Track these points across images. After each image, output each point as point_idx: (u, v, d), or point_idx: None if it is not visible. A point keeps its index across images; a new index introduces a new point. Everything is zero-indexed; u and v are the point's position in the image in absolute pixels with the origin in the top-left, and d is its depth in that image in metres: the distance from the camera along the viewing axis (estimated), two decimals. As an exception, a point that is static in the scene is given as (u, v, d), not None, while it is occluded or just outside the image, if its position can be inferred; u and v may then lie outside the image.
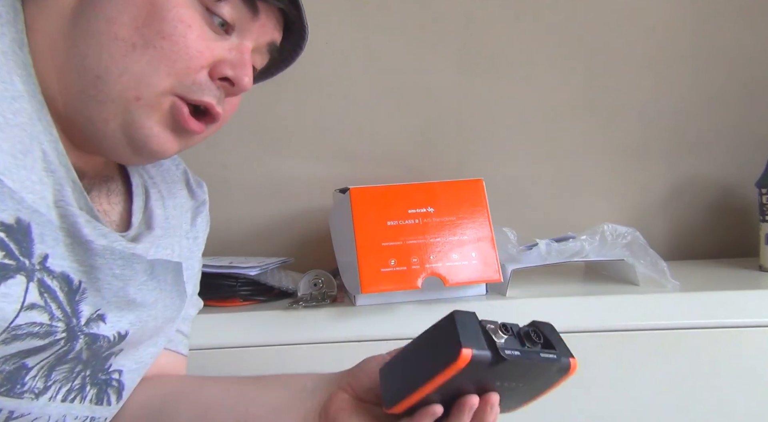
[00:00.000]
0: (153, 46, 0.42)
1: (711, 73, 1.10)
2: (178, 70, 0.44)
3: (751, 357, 0.72)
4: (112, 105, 0.43)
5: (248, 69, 0.47)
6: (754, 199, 0.95)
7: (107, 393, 0.50)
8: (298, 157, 1.10)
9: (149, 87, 0.43)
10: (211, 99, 0.46)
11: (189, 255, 0.59)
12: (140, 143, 0.45)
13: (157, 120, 0.45)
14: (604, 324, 0.74)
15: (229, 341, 0.74)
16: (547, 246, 0.80)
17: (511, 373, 0.42)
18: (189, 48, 0.44)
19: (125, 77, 0.42)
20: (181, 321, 0.62)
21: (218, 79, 0.47)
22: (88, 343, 0.45)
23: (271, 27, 0.50)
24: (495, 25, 1.10)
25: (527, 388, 0.45)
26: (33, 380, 0.42)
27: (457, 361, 0.39)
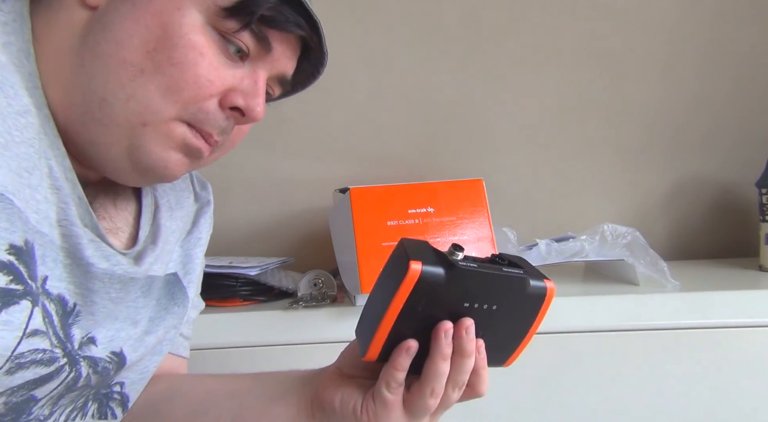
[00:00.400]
0: (162, 73, 0.41)
1: (711, 74, 1.10)
2: (186, 99, 0.42)
3: (751, 357, 0.72)
4: (117, 129, 0.42)
5: (261, 98, 0.45)
6: (754, 199, 0.95)
7: (110, 407, 0.49)
8: (298, 157, 1.10)
9: (156, 114, 0.42)
10: (212, 129, 0.44)
11: (188, 260, 0.58)
12: (147, 167, 0.44)
13: (167, 146, 0.44)
14: (604, 324, 0.74)
15: (229, 341, 0.74)
16: (547, 246, 0.80)
17: (476, 292, 0.41)
18: (199, 77, 0.42)
19: (132, 103, 0.41)
20: (183, 323, 0.62)
21: (228, 109, 0.45)
22: (92, 367, 0.44)
23: (287, 58, 0.48)
24: (495, 26, 1.10)
25: (508, 318, 0.43)
26: (41, 409, 0.41)
27: (406, 276, 0.38)
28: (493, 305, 0.42)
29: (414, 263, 0.38)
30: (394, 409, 0.43)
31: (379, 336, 0.41)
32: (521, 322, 0.45)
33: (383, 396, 0.43)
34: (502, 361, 0.47)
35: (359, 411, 0.44)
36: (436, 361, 0.41)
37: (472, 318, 0.42)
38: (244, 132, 0.51)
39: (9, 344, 0.36)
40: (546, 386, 0.74)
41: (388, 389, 0.42)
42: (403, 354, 0.41)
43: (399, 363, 0.41)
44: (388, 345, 0.42)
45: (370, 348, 0.42)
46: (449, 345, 0.41)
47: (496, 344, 0.45)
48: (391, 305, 0.39)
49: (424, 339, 0.42)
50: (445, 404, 0.44)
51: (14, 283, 0.36)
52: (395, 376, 0.42)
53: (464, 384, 0.44)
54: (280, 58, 0.47)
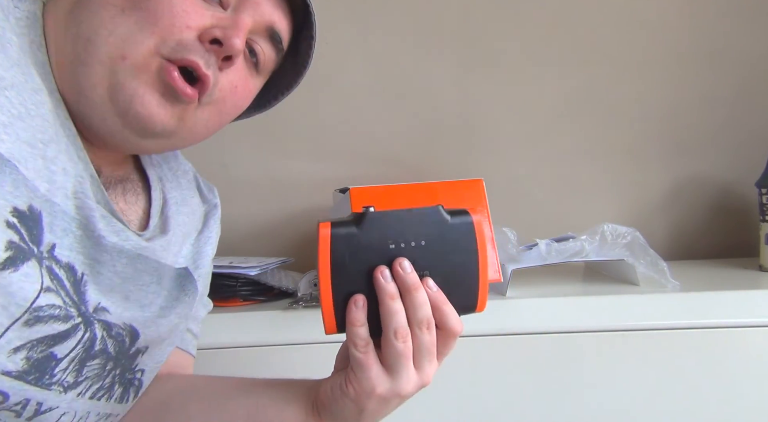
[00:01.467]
0: (139, 8, 0.43)
1: (712, 74, 1.10)
2: (163, 28, 0.43)
3: (751, 357, 0.72)
4: (99, 67, 0.43)
5: (240, 32, 0.46)
6: (754, 199, 0.95)
7: (129, 392, 0.51)
8: (298, 157, 1.10)
9: (134, 45, 0.43)
10: (196, 58, 0.44)
11: (198, 257, 0.60)
12: (125, 105, 0.44)
13: (144, 81, 0.44)
14: (604, 324, 0.74)
15: (229, 341, 0.74)
16: (547, 246, 0.80)
17: (394, 231, 0.43)
18: (173, 5, 0.44)
19: (112, 38, 0.43)
20: (191, 320, 0.63)
21: (208, 43, 0.45)
22: (106, 330, 0.45)
23: (269, 7, 0.49)
24: (495, 26, 1.10)
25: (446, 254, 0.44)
26: (63, 372, 0.43)
27: (319, 238, 0.41)
28: (421, 241, 0.44)
29: (322, 225, 0.42)
30: (371, 367, 0.43)
31: (325, 304, 0.43)
32: (464, 258, 0.45)
33: (356, 358, 0.43)
34: (472, 305, 0.47)
35: (345, 385, 0.45)
36: (384, 301, 0.42)
37: (406, 257, 0.43)
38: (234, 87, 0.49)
39: (29, 295, 0.38)
40: (546, 386, 0.74)
41: (356, 348, 0.43)
42: (353, 309, 0.43)
43: (354, 319, 0.42)
44: (340, 313, 0.43)
45: (325, 319, 0.43)
46: (390, 284, 0.42)
47: (452, 285, 0.45)
48: (320, 271, 0.42)
49: (375, 297, 0.43)
50: (421, 349, 0.44)
51: (22, 242, 0.38)
52: (356, 332, 0.43)
53: (429, 321, 0.44)
54: (260, 2, 0.48)
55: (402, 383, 0.44)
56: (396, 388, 0.44)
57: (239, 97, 0.51)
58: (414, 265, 0.43)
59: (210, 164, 1.08)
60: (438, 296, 0.44)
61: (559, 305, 0.75)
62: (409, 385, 0.44)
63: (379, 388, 0.43)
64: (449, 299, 0.45)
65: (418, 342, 0.44)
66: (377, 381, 0.43)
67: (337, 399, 0.45)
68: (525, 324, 0.74)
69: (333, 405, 0.46)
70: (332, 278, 0.42)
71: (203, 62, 0.45)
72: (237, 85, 0.49)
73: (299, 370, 0.74)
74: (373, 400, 0.44)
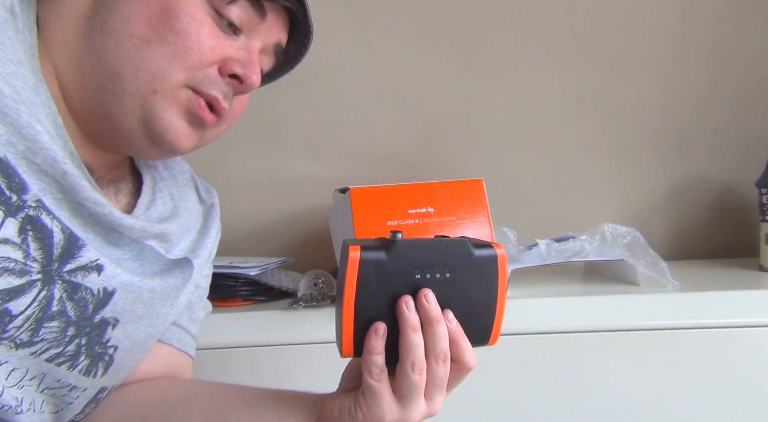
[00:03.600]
0: (167, 43, 0.45)
1: (711, 73, 1.10)
2: (191, 65, 0.46)
3: (751, 357, 0.72)
4: (129, 100, 0.45)
5: (256, 67, 0.49)
6: (754, 199, 0.95)
7: (97, 366, 0.50)
8: (298, 157, 1.10)
9: (165, 81, 0.45)
10: (217, 94, 0.48)
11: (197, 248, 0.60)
12: (158, 134, 0.47)
13: (175, 113, 0.47)
14: (604, 324, 0.74)
15: (229, 341, 0.74)
16: (547, 246, 0.80)
17: (421, 261, 0.42)
18: (201, 43, 0.46)
19: (141, 73, 0.45)
20: (188, 320, 0.62)
21: (228, 77, 0.49)
22: (68, 293, 0.44)
23: (278, 28, 0.52)
24: (495, 26, 1.10)
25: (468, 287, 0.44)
26: (17, 330, 0.42)
27: (348, 262, 0.40)
28: (446, 273, 0.43)
29: (353, 249, 0.41)
30: (383, 396, 0.43)
31: (346, 327, 0.42)
32: (484, 291, 0.45)
33: (369, 385, 0.43)
34: (485, 339, 0.47)
35: (354, 409, 0.44)
36: (406, 333, 0.42)
37: (430, 288, 0.43)
38: (243, 105, 0.54)
39: None
40: (546, 386, 0.74)
41: (371, 376, 0.43)
42: (372, 337, 0.42)
43: (372, 346, 0.42)
44: (359, 337, 0.43)
45: (343, 342, 0.43)
46: (414, 315, 0.42)
47: (469, 318, 0.45)
48: (345, 295, 0.41)
49: (395, 324, 0.43)
50: (434, 381, 0.44)
51: None
52: (373, 360, 0.43)
53: (445, 355, 0.44)
54: (272, 27, 0.51)
55: (412, 413, 0.44)
56: (404, 418, 0.44)
57: (243, 109, 0.54)
58: (436, 296, 0.43)
59: (210, 164, 1.08)
60: (457, 330, 0.44)
61: (559, 305, 0.75)
62: (418, 415, 0.45)
63: (389, 417, 0.44)
64: (465, 332, 0.45)
65: (432, 375, 0.44)
66: (388, 409, 0.43)
67: (344, 421, 0.45)
68: (525, 324, 0.74)
69: None
70: (356, 303, 0.41)
71: (222, 96, 0.49)
72: (244, 102, 0.54)
73: (299, 370, 0.74)
74: None
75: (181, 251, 0.57)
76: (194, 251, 0.59)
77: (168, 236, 0.55)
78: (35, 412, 0.46)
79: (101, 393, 0.53)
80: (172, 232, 0.55)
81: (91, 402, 0.52)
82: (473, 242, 0.44)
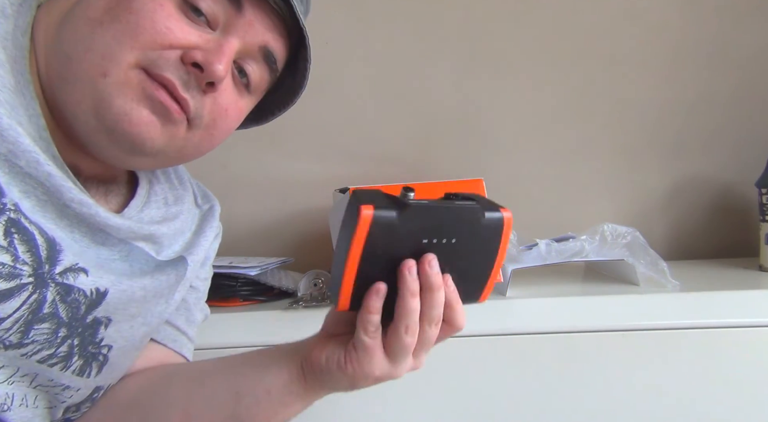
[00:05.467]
0: (119, 21, 0.42)
1: (711, 73, 1.10)
2: (143, 43, 0.43)
3: (751, 357, 0.72)
4: (80, 85, 0.43)
5: (222, 57, 0.45)
6: (754, 199, 0.95)
7: (90, 366, 0.49)
8: (298, 157, 1.10)
9: (113, 61, 0.42)
10: (173, 78, 0.44)
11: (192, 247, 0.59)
12: (112, 124, 0.43)
13: (130, 98, 0.43)
14: (604, 324, 0.74)
15: (229, 341, 0.74)
16: (547, 246, 0.80)
17: (431, 226, 0.42)
18: (156, 22, 0.43)
19: (89, 54, 0.42)
20: (184, 320, 0.62)
21: (190, 65, 0.45)
22: (61, 295, 0.44)
23: (261, 28, 0.48)
24: (495, 26, 1.10)
25: (470, 250, 0.44)
26: (6, 332, 0.41)
27: (359, 222, 0.39)
28: (452, 239, 0.43)
29: (365, 208, 0.39)
30: (375, 353, 0.44)
31: (346, 284, 0.42)
32: (485, 254, 0.45)
33: (363, 342, 0.43)
34: (476, 297, 0.47)
35: (343, 362, 0.45)
36: (405, 298, 0.42)
37: (434, 253, 0.42)
38: (224, 110, 0.49)
39: None
40: (546, 386, 0.74)
41: (366, 333, 0.43)
42: (373, 297, 0.42)
43: (371, 306, 0.42)
44: (357, 293, 0.43)
45: (341, 297, 0.43)
46: (415, 281, 0.42)
47: (465, 278, 0.45)
48: (351, 252, 0.40)
49: (392, 282, 0.43)
50: (424, 342, 0.45)
51: None
52: (370, 319, 0.43)
53: (439, 318, 0.44)
54: (252, 23, 0.47)
55: (399, 369, 0.45)
56: (392, 373, 0.45)
57: (231, 119, 0.50)
58: (439, 261, 0.43)
59: (210, 164, 1.08)
60: (453, 295, 0.44)
61: (559, 305, 0.75)
62: (404, 370, 0.46)
63: (377, 372, 0.44)
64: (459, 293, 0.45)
65: (423, 336, 0.44)
66: (377, 365, 0.44)
67: (332, 371, 0.46)
68: (525, 324, 0.74)
69: (325, 375, 0.46)
70: (361, 262, 0.41)
71: (180, 83, 0.44)
72: (227, 107, 0.49)
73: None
74: (369, 381, 0.45)
75: (174, 252, 0.56)
76: (188, 250, 0.58)
77: (158, 238, 0.54)
78: (28, 407, 0.46)
79: (96, 393, 0.52)
80: (163, 234, 0.54)
81: (86, 401, 0.51)
82: (484, 205, 0.43)
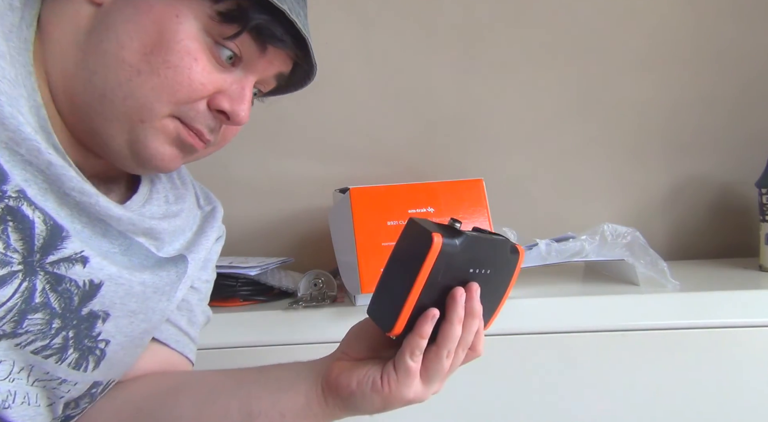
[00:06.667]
0: (158, 75, 0.44)
1: (711, 73, 1.10)
2: (180, 100, 0.46)
3: (751, 357, 0.72)
4: (117, 123, 0.46)
5: (246, 104, 0.49)
6: (754, 199, 0.95)
7: (87, 360, 0.49)
8: (298, 157, 1.10)
9: (151, 112, 0.45)
10: (202, 128, 0.48)
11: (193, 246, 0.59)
12: (145, 160, 0.48)
13: (162, 141, 0.48)
14: (604, 324, 0.74)
15: (229, 341, 0.74)
16: (547, 246, 0.80)
17: (478, 256, 0.45)
18: (192, 80, 0.45)
19: (129, 101, 0.45)
20: (188, 323, 0.62)
21: (215, 111, 0.48)
22: (51, 284, 0.43)
23: (279, 63, 0.51)
24: (495, 26, 1.10)
25: (496, 278, 0.48)
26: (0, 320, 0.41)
27: (431, 248, 0.41)
28: (488, 270, 0.46)
29: (436, 235, 0.41)
30: (416, 377, 0.46)
31: (407, 309, 0.43)
32: (503, 285, 0.49)
33: (407, 365, 0.45)
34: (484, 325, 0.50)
35: (380, 384, 0.46)
36: (453, 324, 0.45)
37: (477, 282, 0.46)
38: (234, 132, 0.54)
39: None
40: (546, 386, 0.74)
41: (412, 357, 0.45)
42: (429, 322, 0.44)
43: (424, 331, 0.44)
44: (412, 319, 0.45)
45: (398, 322, 0.44)
46: (463, 308, 0.45)
47: (485, 307, 0.48)
48: (418, 277, 0.42)
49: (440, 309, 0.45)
50: (455, 366, 0.47)
51: None
52: (420, 344, 0.45)
53: (470, 345, 0.47)
54: (272, 61, 0.50)
55: (429, 392, 0.47)
56: (423, 396, 0.47)
57: (237, 130, 0.54)
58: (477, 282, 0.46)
59: (210, 164, 1.07)
60: (482, 323, 0.48)
61: (559, 305, 0.75)
62: (432, 393, 0.48)
63: (412, 395, 0.46)
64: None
65: (455, 360, 0.47)
66: (414, 388, 0.46)
67: (365, 394, 0.46)
68: (525, 324, 0.74)
69: (355, 398, 0.47)
70: (424, 287, 0.42)
71: (207, 130, 0.49)
72: (235, 130, 0.54)
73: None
74: (401, 404, 0.47)
75: (175, 249, 0.56)
76: (189, 249, 0.58)
77: (159, 234, 0.54)
78: (30, 405, 0.46)
79: (95, 388, 0.52)
80: (164, 230, 0.54)
81: (84, 396, 0.51)
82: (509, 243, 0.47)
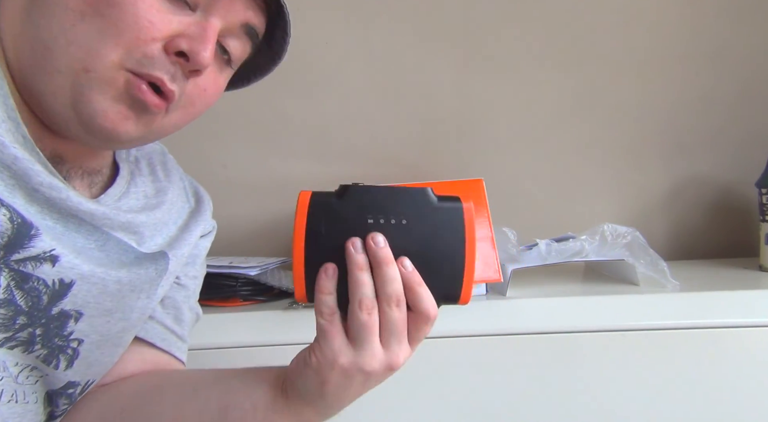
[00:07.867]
0: (101, 15, 0.41)
1: (711, 73, 1.10)
2: (127, 41, 0.42)
3: (751, 357, 0.72)
4: (59, 77, 0.42)
5: (208, 44, 0.45)
6: (754, 199, 0.95)
7: (58, 358, 0.48)
8: (298, 157, 1.10)
9: (97, 58, 0.42)
10: (161, 74, 0.44)
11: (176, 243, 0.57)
12: (87, 118, 0.43)
13: (110, 96, 0.43)
14: (604, 324, 0.74)
15: (229, 341, 0.74)
16: (547, 246, 0.80)
17: (374, 205, 0.43)
18: (138, 17, 0.42)
19: (73, 47, 0.41)
20: (174, 321, 0.60)
21: (174, 55, 0.44)
22: (16, 281, 0.42)
23: (242, 5, 0.48)
24: (495, 26, 1.10)
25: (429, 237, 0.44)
26: None
27: (298, 203, 0.42)
28: (402, 219, 0.43)
29: (303, 193, 0.42)
30: (335, 337, 0.43)
31: (297, 271, 0.43)
32: (451, 246, 0.44)
33: (320, 326, 0.43)
34: (455, 296, 0.45)
35: (308, 356, 0.44)
36: (352, 272, 0.42)
37: (384, 234, 0.43)
38: (205, 92, 0.49)
39: None
40: (546, 386, 0.74)
41: (322, 316, 0.43)
42: (323, 276, 0.43)
43: (322, 286, 0.42)
44: (311, 281, 0.43)
45: (296, 287, 0.44)
46: (360, 255, 0.42)
47: (434, 271, 0.44)
48: (295, 238, 0.42)
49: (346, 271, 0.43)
50: (389, 327, 0.43)
51: None
52: (323, 300, 0.43)
53: (398, 298, 0.43)
54: (233, 1, 0.47)
55: (366, 357, 0.43)
56: (359, 362, 0.43)
57: (209, 96, 0.50)
58: (392, 243, 0.43)
59: (210, 164, 1.08)
60: (412, 276, 0.43)
61: (559, 305, 0.75)
62: (374, 361, 0.43)
63: (342, 359, 0.42)
64: (428, 284, 0.44)
65: (385, 318, 0.43)
66: (340, 350, 0.43)
67: (300, 371, 0.45)
68: (525, 324, 0.74)
69: (298, 380, 0.45)
70: (305, 246, 0.42)
71: (168, 77, 0.44)
72: (206, 87, 0.49)
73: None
74: (336, 372, 0.43)
75: (157, 245, 0.55)
76: (171, 245, 0.56)
77: (137, 227, 0.52)
78: (18, 403, 0.45)
79: (72, 389, 0.51)
80: (142, 223, 0.53)
81: (60, 395, 0.50)
82: (437, 194, 0.44)
